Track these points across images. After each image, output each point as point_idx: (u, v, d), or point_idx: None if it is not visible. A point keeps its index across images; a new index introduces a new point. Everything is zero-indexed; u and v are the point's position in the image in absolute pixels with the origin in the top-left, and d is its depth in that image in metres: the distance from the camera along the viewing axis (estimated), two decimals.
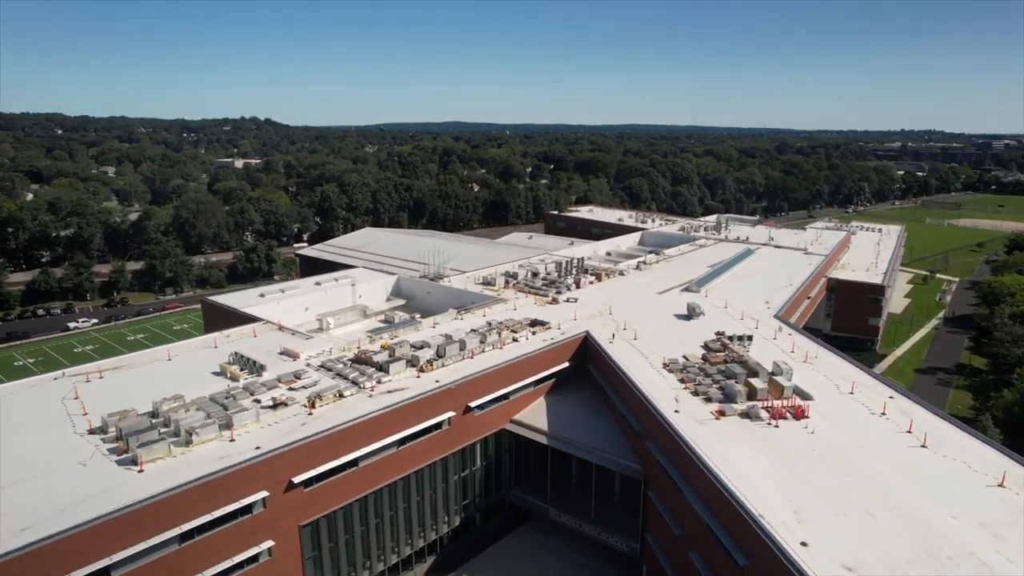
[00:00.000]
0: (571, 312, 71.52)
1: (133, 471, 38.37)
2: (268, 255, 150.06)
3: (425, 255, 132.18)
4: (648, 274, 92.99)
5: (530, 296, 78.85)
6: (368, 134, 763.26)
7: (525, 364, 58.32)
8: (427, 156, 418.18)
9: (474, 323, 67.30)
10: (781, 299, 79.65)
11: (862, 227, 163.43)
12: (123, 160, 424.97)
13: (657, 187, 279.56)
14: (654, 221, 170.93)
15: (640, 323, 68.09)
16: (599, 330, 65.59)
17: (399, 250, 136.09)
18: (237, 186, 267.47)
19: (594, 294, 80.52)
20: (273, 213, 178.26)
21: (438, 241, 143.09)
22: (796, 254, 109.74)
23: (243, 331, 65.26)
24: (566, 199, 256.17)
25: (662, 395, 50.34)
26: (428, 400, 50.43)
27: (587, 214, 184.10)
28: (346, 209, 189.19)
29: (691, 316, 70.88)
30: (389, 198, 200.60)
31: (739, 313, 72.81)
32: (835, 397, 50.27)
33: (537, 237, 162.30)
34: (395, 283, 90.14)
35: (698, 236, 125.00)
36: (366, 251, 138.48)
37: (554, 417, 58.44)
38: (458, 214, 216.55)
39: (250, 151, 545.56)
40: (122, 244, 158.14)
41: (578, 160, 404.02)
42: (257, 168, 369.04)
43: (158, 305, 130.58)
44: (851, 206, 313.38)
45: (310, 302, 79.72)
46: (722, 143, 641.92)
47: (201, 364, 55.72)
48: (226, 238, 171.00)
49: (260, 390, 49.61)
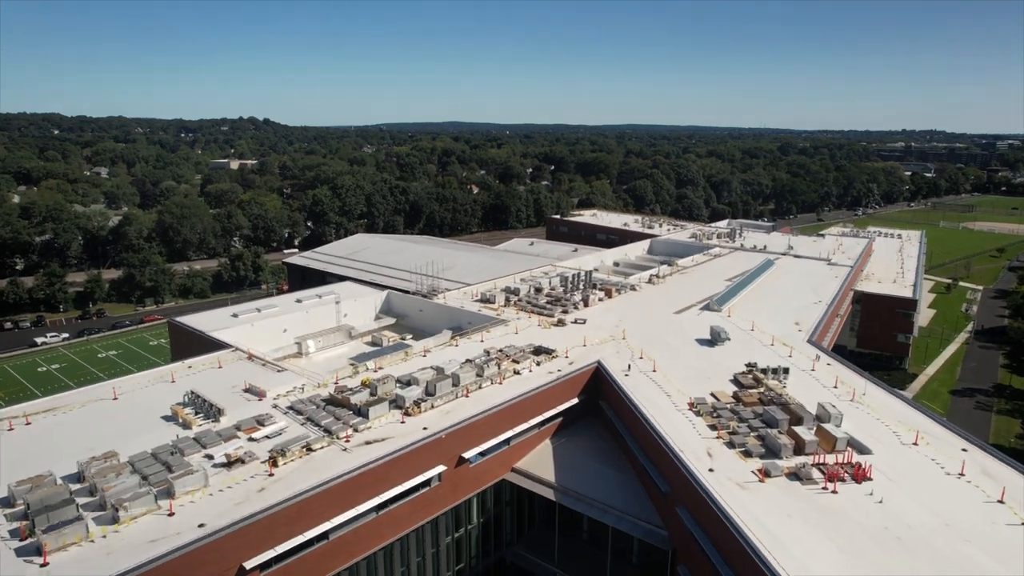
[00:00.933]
0: (579, 336, 63.64)
1: (35, 565, 30.40)
2: (255, 263, 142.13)
3: (420, 264, 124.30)
4: (662, 289, 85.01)
5: (533, 316, 70.92)
6: (367, 134, 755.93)
7: (529, 403, 50.41)
8: (425, 157, 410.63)
9: (470, 350, 59.41)
10: (812, 319, 71.71)
11: (880, 233, 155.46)
12: (117, 161, 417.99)
13: (662, 189, 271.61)
14: (662, 226, 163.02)
15: (658, 350, 60.20)
16: (612, 359, 57.69)
17: (392, 258, 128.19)
18: (229, 188, 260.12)
19: (604, 314, 72.60)
20: (262, 217, 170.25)
21: (434, 248, 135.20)
22: (819, 265, 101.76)
23: (207, 361, 57.37)
24: (568, 202, 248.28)
25: (691, 447, 42.45)
26: (414, 453, 42.51)
27: (591, 219, 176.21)
28: (339, 213, 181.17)
29: (715, 342, 62.92)
30: (384, 202, 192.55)
31: (768, 337, 64.89)
32: (898, 450, 42.33)
33: (539, 243, 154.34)
34: (385, 299, 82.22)
35: (711, 244, 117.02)
36: (357, 259, 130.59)
37: (562, 465, 50.50)
38: (456, 218, 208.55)
39: (246, 152, 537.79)
40: (102, 251, 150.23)
41: (580, 161, 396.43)
42: (252, 169, 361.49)
43: (136, 317, 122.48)
44: (860, 208, 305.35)
45: (289, 322, 71.80)
46: (725, 143, 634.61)
47: (151, 405, 47.80)
48: (212, 244, 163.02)
49: (214, 441, 41.73)
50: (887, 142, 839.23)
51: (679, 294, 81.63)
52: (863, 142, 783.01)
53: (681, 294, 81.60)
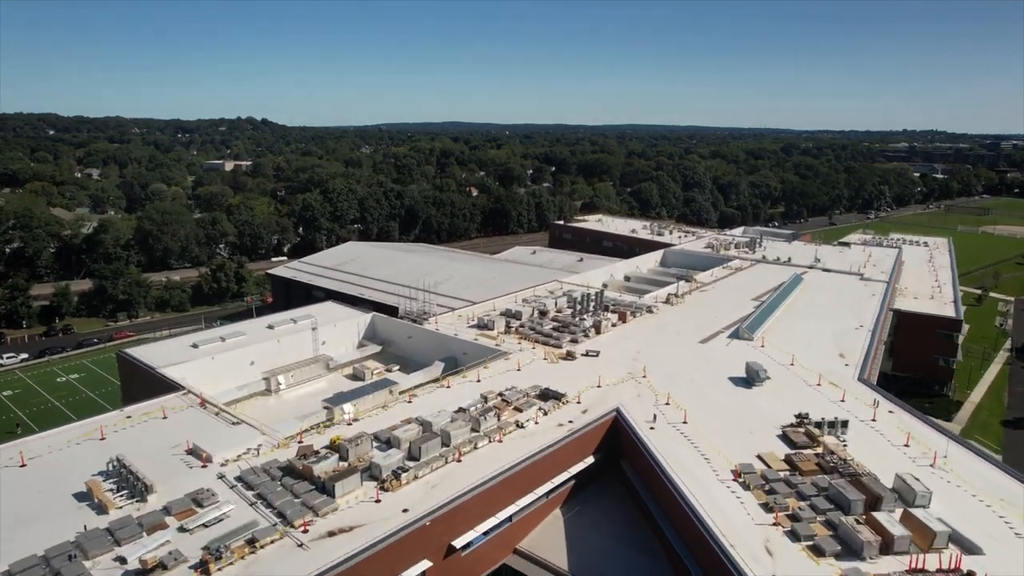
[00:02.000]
0: (592, 373, 54.45)
1: None
2: (238, 273, 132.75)
3: (413, 276, 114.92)
4: (682, 311, 75.66)
5: (537, 347, 61.66)
6: (366, 134, 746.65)
7: (535, 467, 41.16)
8: (424, 158, 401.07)
9: (464, 393, 50.21)
10: (858, 350, 62.41)
11: (904, 240, 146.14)
12: (109, 162, 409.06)
13: (668, 192, 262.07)
14: (672, 233, 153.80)
15: (686, 392, 50.99)
16: (633, 405, 48.44)
17: (384, 270, 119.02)
18: (219, 191, 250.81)
19: (619, 342, 63.32)
20: (249, 224, 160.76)
21: (429, 258, 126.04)
22: (851, 280, 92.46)
23: (150, 408, 48.10)
24: (571, 206, 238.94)
25: (743, 539, 33.18)
26: (391, 548, 33.21)
27: (596, 224, 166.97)
28: (330, 219, 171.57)
29: (752, 381, 53.58)
30: (378, 206, 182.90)
31: (812, 373, 55.59)
32: (1012, 546, 32.99)
33: (541, 251, 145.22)
34: (369, 324, 72.88)
35: (730, 256, 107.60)
36: (347, 270, 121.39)
37: (575, 544, 41.27)
38: (454, 223, 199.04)
39: (242, 152, 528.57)
40: (76, 260, 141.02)
41: (581, 162, 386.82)
42: (245, 171, 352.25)
43: (105, 334, 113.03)
44: (871, 212, 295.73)
45: (257, 354, 62.50)
46: (727, 144, 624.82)
47: (66, 476, 38.53)
48: (196, 252, 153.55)
49: (133, 534, 32.49)
50: (889, 142, 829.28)
51: (702, 317, 72.33)
52: (865, 142, 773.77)
53: (704, 317, 72.31)
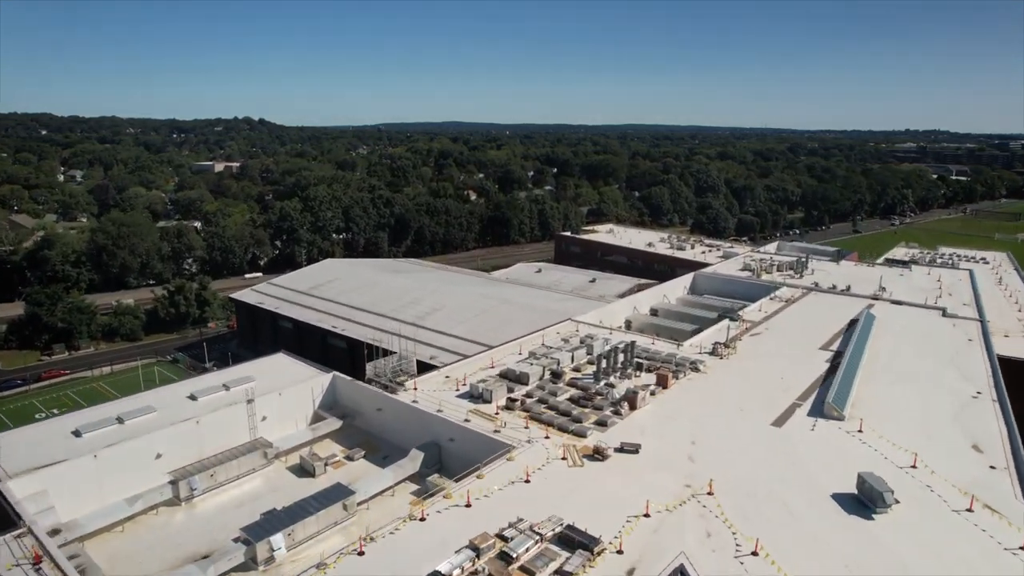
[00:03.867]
0: (634, 484, 37.72)
1: None
2: (200, 295, 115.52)
3: (397, 302, 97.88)
4: (737, 368, 58.36)
5: (552, 433, 44.55)
6: (364, 135, 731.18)
7: None
8: (421, 159, 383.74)
9: (444, 532, 33.24)
10: (993, 437, 45.21)
11: (957, 256, 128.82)
12: (94, 163, 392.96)
13: (680, 197, 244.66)
14: (693, 247, 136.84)
15: (778, 525, 34.19)
16: (704, 556, 31.51)
17: (364, 295, 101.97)
18: (198, 196, 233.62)
19: (664, 425, 46.23)
20: (219, 236, 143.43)
21: (417, 279, 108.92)
22: (932, 317, 75.30)
23: None
24: (576, 212, 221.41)
25: None
26: None
27: (607, 236, 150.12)
28: (311, 230, 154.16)
29: (872, 505, 36.40)
30: (365, 215, 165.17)
31: (948, 485, 38.50)
32: None
33: (547, 269, 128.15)
34: (329, 387, 55.65)
35: (776, 283, 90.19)
36: (321, 295, 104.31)
37: None
38: (449, 233, 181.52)
39: (235, 153, 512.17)
40: (19, 279, 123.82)
41: (584, 164, 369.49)
42: (231, 173, 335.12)
43: (34, 373, 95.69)
44: (895, 217, 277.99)
45: (167, 441, 45.35)
46: (734, 144, 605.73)
47: None
48: (159, 269, 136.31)
49: None
50: (895, 142, 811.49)
51: (766, 378, 55.15)
52: (871, 142, 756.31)
53: (768, 378, 55.13)
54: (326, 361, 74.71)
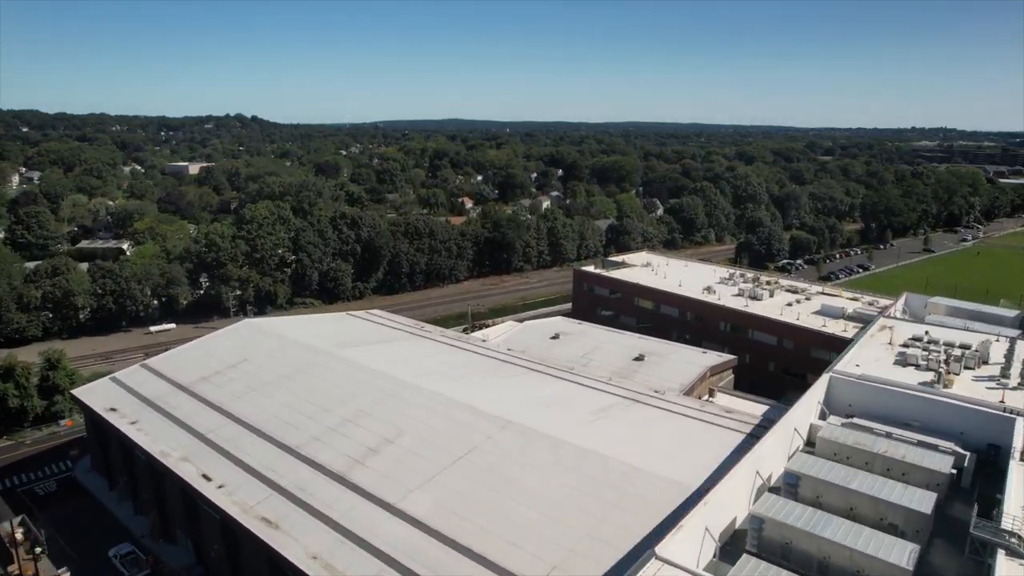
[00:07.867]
0: None
1: None
2: (46, 378, 76.30)
3: (326, 416, 58.67)
4: None
5: None
6: (360, 132, 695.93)
7: None
8: (414, 159, 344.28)
9: None
10: None
11: None
12: (56, 163, 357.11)
13: (716, 209, 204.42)
14: (772, 295, 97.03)
15: None
16: None
17: (274, 398, 62.36)
18: (136, 208, 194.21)
19: None
20: (114, 275, 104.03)
21: (369, 358, 69.49)
22: None
23: None
24: (593, 229, 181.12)
25: None
26: None
27: (645, 274, 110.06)
28: (246, 263, 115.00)
29: None
30: (321, 243, 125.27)
31: None
32: None
33: (568, 333, 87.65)
34: None
35: (993, 404, 50.33)
36: (209, 399, 64.87)
37: None
38: (435, 261, 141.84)
39: (215, 153, 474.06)
40: None
41: (593, 165, 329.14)
42: (195, 178, 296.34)
43: None
44: (963, 230, 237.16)
45: None
46: (752, 143, 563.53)
47: None
48: (22, 324, 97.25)
49: None
50: (909, 141, 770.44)
51: None
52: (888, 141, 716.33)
53: None
54: (197, 533, 38.22)
